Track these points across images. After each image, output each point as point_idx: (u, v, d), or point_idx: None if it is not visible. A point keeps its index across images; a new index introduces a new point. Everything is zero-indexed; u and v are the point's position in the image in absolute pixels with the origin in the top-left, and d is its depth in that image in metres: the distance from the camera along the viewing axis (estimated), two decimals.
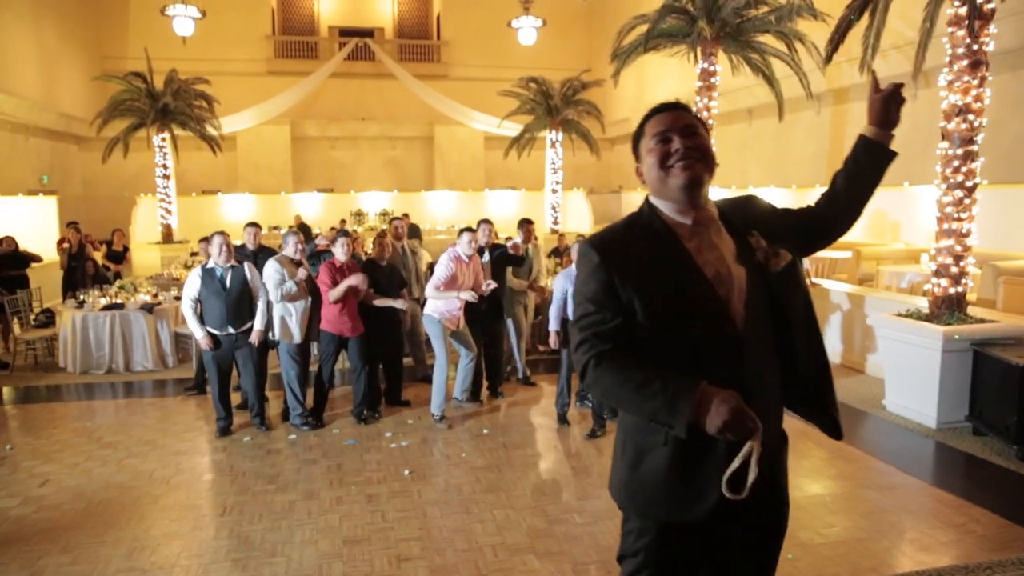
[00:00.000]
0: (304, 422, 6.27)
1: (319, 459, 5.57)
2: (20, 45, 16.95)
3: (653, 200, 1.91)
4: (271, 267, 6.08)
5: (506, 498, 4.81)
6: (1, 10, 16.02)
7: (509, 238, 8.50)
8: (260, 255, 7.00)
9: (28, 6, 17.34)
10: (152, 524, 4.50)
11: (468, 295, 6.19)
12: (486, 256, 6.95)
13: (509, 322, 7.42)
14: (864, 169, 2.02)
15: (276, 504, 4.75)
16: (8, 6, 16.32)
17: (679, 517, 1.83)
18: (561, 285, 6.05)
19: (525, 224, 7.70)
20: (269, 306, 6.19)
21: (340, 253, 6.23)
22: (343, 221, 18.03)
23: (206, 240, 6.85)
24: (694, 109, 11.38)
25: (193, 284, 5.98)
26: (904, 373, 6.42)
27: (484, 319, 6.89)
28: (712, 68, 10.81)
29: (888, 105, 1.97)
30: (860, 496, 4.77)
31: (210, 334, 5.99)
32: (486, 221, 7.03)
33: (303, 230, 15.85)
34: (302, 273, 6.21)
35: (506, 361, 7.61)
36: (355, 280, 6.06)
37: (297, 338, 6.18)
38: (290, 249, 6.28)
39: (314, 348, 6.89)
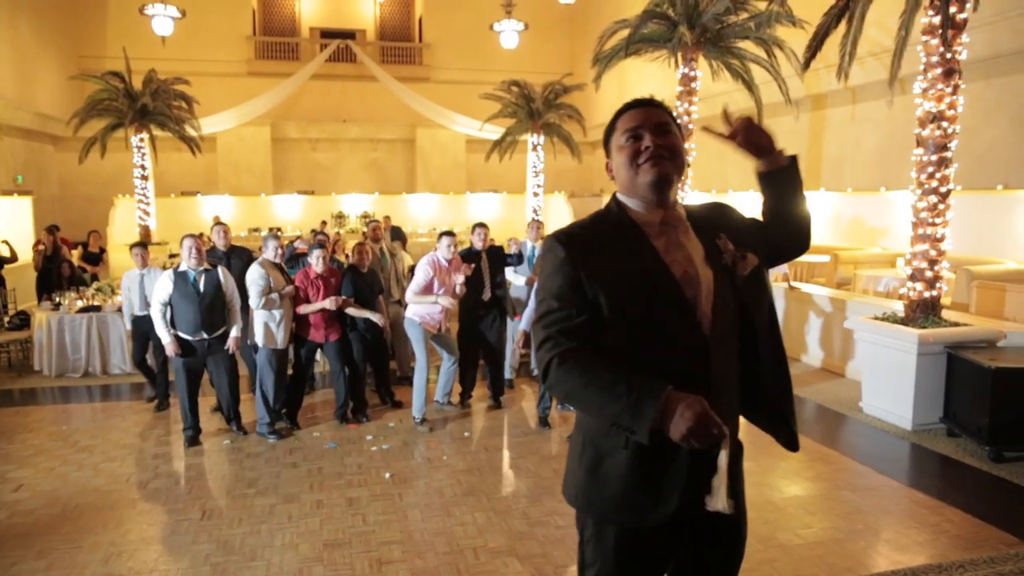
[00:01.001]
0: (272, 431, 6.11)
1: (299, 462, 5.54)
2: None
3: (621, 197, 1.88)
4: (255, 272, 5.95)
5: (487, 501, 4.81)
6: None
7: (514, 239, 8.51)
8: (232, 255, 6.95)
9: (2, 4, 17.09)
10: (130, 529, 4.45)
11: (446, 300, 6.18)
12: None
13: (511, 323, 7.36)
14: (780, 194, 2.03)
15: (256, 508, 4.72)
16: None
17: (638, 522, 1.78)
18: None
19: (535, 223, 7.89)
20: (248, 310, 6.13)
21: (317, 265, 6.16)
22: (324, 223, 17.95)
23: None
24: (676, 112, 11.45)
25: (164, 287, 5.80)
26: (880, 376, 6.51)
27: (484, 323, 6.82)
28: (692, 73, 10.90)
29: (752, 136, 1.97)
30: (838, 497, 4.83)
31: (178, 339, 5.84)
32: (481, 225, 6.94)
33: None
34: (290, 289, 6.09)
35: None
36: (328, 304, 6.05)
37: (281, 343, 6.09)
38: (270, 253, 6.18)
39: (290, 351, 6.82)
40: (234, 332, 6.02)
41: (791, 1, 7.76)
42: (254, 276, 5.95)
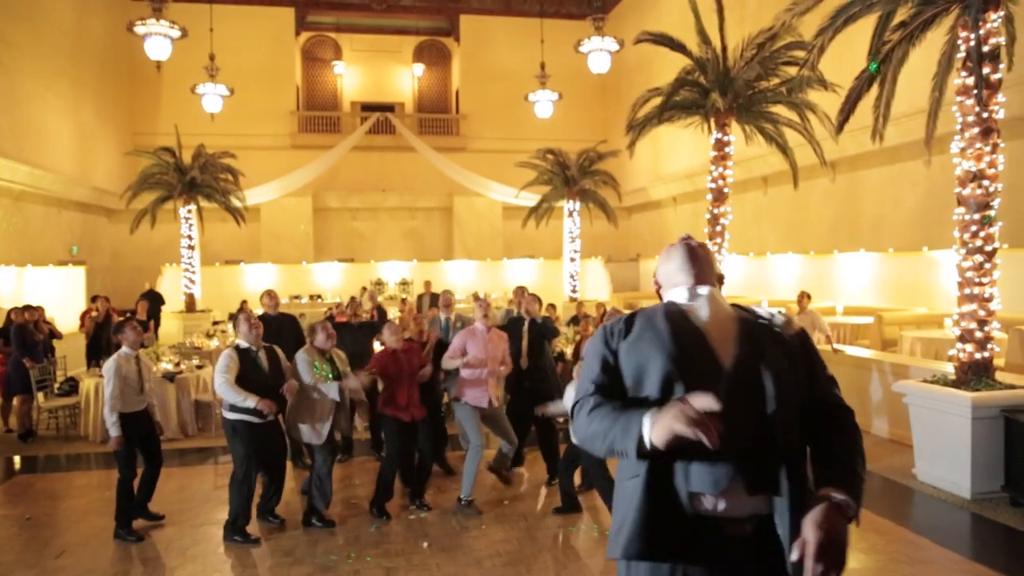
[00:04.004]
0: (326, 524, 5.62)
1: (337, 530, 5.48)
2: (59, 123, 17.66)
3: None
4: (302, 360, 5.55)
5: (526, 572, 4.69)
6: (44, 91, 16.76)
7: (552, 305, 8.09)
8: (283, 322, 7.11)
9: (68, 87, 18.13)
10: None
11: (467, 370, 5.90)
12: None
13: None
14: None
15: None
16: (50, 87, 17.08)
17: (655, 552, 1.83)
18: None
19: (521, 290, 7.56)
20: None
21: (391, 341, 5.85)
22: (364, 289, 18.21)
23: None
24: (709, 178, 11.51)
25: (231, 364, 5.27)
26: (934, 441, 6.27)
27: (527, 402, 6.56)
28: (726, 138, 10.99)
29: (827, 556, 1.65)
30: (894, 571, 4.60)
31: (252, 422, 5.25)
32: (521, 288, 6.71)
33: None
34: (356, 382, 5.66)
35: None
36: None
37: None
38: (320, 339, 5.64)
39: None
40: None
41: (822, 65, 7.85)
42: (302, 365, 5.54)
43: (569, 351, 9.63)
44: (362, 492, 6.37)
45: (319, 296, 19.26)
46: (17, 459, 7.83)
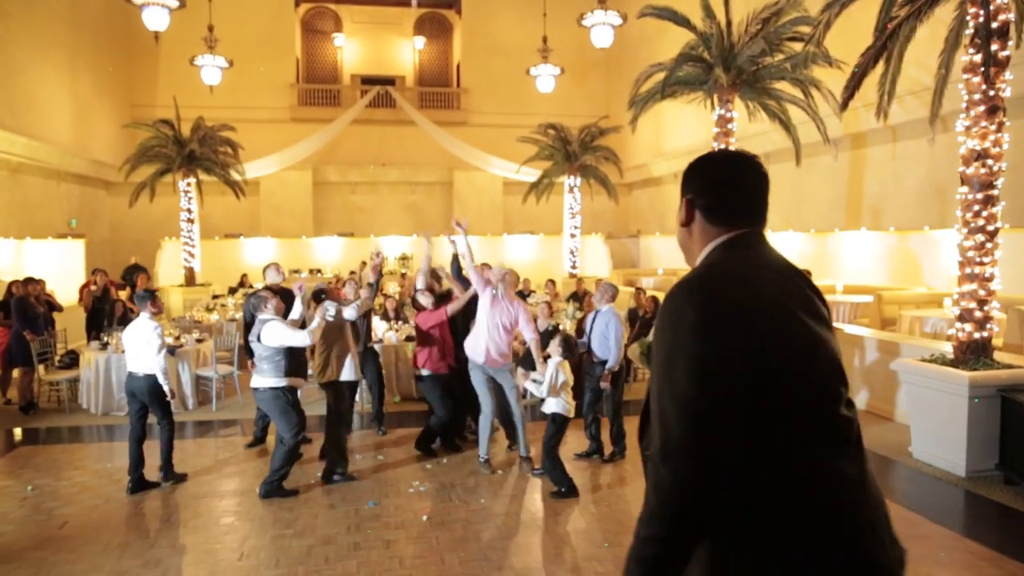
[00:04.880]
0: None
1: (337, 504, 5.53)
2: (56, 94, 17.50)
3: None
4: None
5: (525, 545, 4.74)
6: (40, 62, 16.59)
7: (551, 281, 8.25)
8: (285, 296, 7.08)
9: (65, 58, 17.94)
10: (169, 567, 4.47)
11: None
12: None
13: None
14: None
15: (293, 549, 4.71)
16: (46, 59, 16.90)
17: None
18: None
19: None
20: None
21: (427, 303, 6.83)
22: (363, 263, 18.20)
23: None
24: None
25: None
26: (930, 420, 6.30)
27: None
28: (729, 115, 10.92)
29: None
30: None
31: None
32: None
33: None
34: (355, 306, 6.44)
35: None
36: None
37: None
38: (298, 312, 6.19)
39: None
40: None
41: (827, 41, 7.77)
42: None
43: (571, 327, 9.66)
44: (362, 465, 6.43)
45: (319, 270, 19.27)
46: (18, 431, 7.87)
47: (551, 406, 5.65)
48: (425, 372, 6.57)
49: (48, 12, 17.07)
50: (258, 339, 5.68)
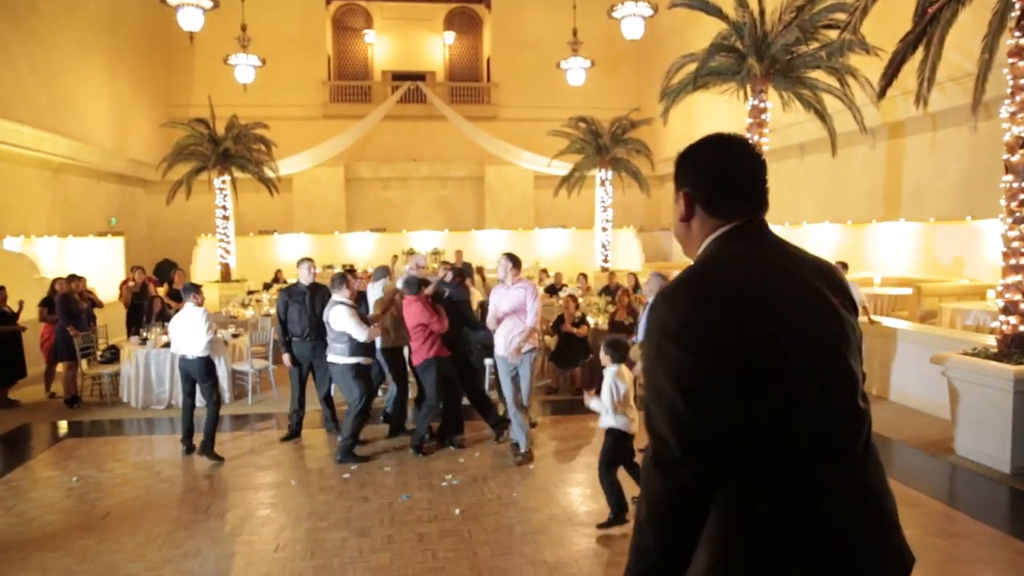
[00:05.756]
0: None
1: (371, 497, 5.59)
2: (96, 96, 17.91)
3: None
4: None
5: (558, 539, 4.74)
6: (80, 64, 16.98)
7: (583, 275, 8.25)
8: (315, 292, 7.16)
9: (104, 60, 18.34)
10: (207, 559, 4.56)
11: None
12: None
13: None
14: None
15: (327, 542, 4.77)
16: (87, 60, 17.30)
17: None
18: None
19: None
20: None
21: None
22: (395, 257, 18.34)
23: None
24: None
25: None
26: (974, 415, 6.16)
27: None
28: (762, 105, 10.76)
29: None
30: (928, 544, 4.56)
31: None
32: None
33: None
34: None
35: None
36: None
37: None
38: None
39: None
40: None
41: (864, 27, 7.60)
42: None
43: (602, 320, 9.63)
44: (395, 459, 6.48)
45: (351, 267, 19.43)
46: (64, 424, 8.09)
47: (606, 420, 4.86)
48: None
49: (88, 17, 17.45)
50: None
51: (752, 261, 1.53)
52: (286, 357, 7.10)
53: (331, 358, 6.50)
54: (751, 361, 1.39)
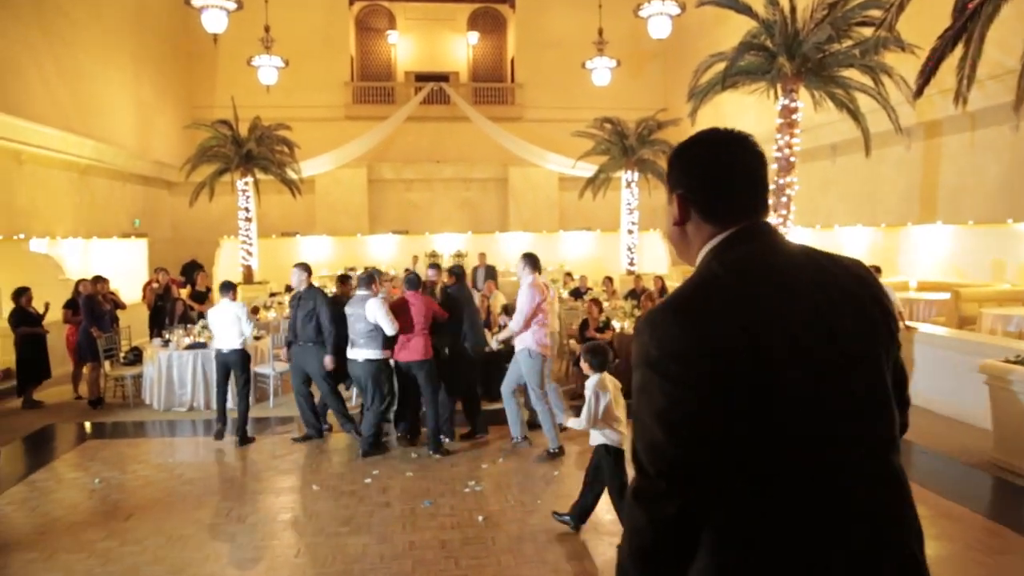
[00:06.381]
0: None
1: (393, 502, 5.59)
2: (121, 98, 18.20)
3: None
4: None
5: (583, 548, 4.70)
6: (105, 66, 17.27)
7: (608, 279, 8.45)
8: (300, 298, 7.38)
9: (129, 61, 18.64)
10: (227, 564, 4.59)
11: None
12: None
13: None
14: None
15: (349, 547, 4.78)
16: (111, 62, 17.58)
17: None
18: None
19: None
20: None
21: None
22: (415, 258, 18.40)
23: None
24: (775, 147, 11.19)
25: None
26: (1015, 425, 6.01)
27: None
28: (793, 104, 10.65)
29: None
30: (970, 559, 4.45)
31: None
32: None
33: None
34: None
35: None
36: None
37: None
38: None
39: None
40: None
41: (899, 24, 7.48)
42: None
43: (628, 324, 9.57)
44: (418, 464, 6.49)
45: (375, 268, 19.52)
46: (88, 424, 8.21)
47: (595, 438, 4.71)
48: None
49: (113, 19, 17.74)
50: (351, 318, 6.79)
51: (756, 271, 1.40)
52: (328, 359, 7.19)
53: (354, 354, 6.74)
54: (748, 387, 1.28)
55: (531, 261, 6.67)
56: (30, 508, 5.60)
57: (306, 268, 7.59)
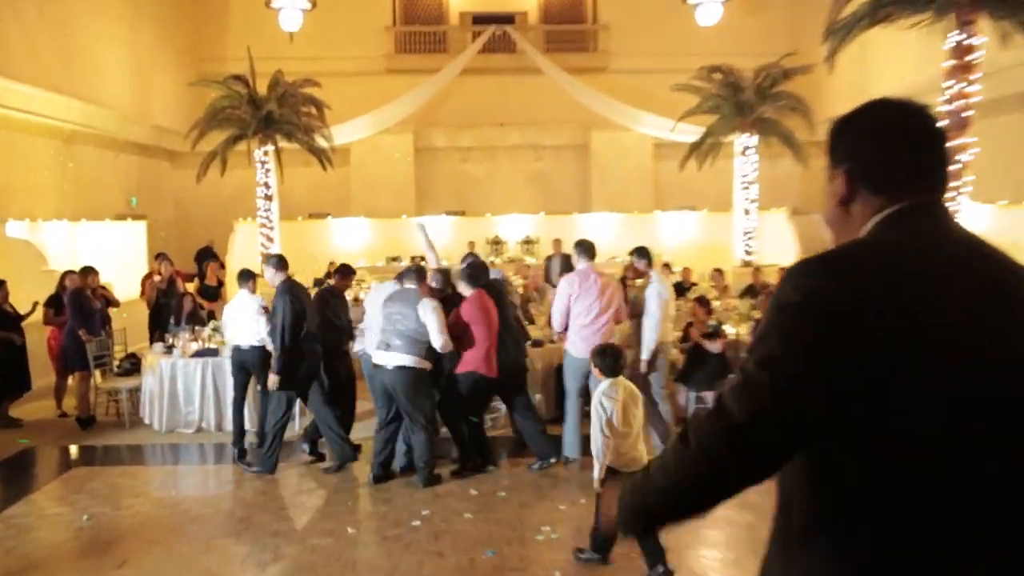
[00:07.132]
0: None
1: (446, 551, 5.55)
2: (114, 51, 18.79)
3: None
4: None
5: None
6: (97, 14, 17.83)
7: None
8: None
9: (123, 8, 19.23)
10: None
11: None
12: None
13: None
14: None
15: None
16: (104, 10, 18.15)
17: None
18: None
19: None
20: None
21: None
22: (471, 243, 18.40)
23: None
24: (943, 98, 10.80)
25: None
26: None
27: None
28: (970, 41, 10.25)
29: None
30: None
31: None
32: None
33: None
34: None
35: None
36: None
37: None
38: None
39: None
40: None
41: None
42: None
43: (744, 330, 9.37)
44: (477, 504, 6.45)
45: (421, 258, 19.64)
46: (74, 448, 8.45)
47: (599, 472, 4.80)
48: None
49: None
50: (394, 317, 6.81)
51: (921, 246, 1.57)
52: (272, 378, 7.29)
53: (384, 359, 6.78)
54: (890, 365, 1.43)
55: (582, 249, 7.28)
56: (4, 550, 5.77)
57: (282, 262, 7.71)
